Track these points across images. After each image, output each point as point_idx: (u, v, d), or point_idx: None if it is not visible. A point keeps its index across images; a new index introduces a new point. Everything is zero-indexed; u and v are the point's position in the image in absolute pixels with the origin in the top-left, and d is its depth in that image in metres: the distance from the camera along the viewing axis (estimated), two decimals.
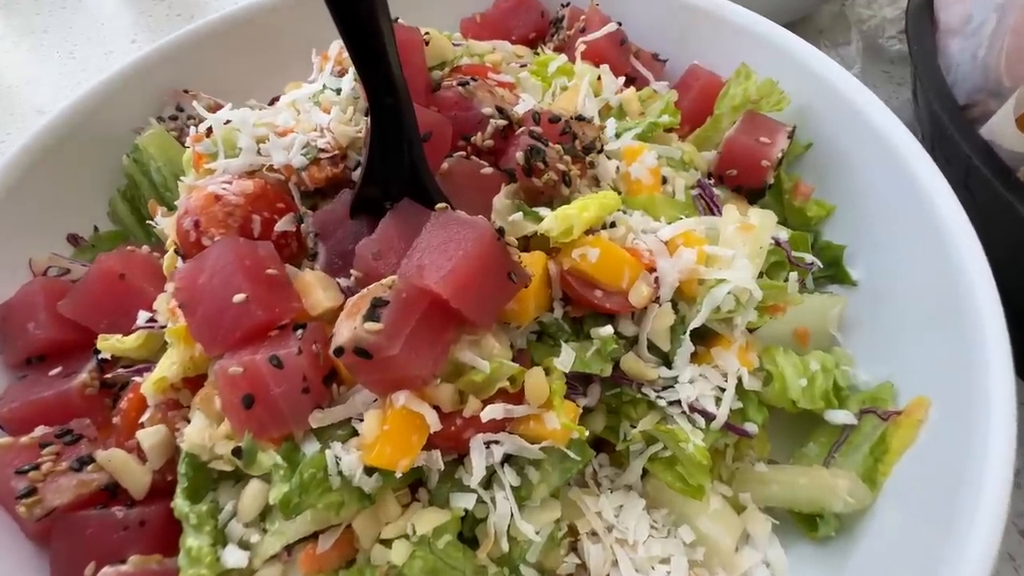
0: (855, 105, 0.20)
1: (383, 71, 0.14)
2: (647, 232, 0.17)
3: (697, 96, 0.23)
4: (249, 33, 0.27)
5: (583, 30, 0.25)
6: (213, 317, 0.14)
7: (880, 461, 0.15)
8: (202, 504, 0.14)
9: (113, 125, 0.24)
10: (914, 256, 0.17)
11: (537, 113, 0.18)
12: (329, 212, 0.18)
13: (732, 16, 0.24)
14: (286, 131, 0.19)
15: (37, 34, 0.42)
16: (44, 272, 0.21)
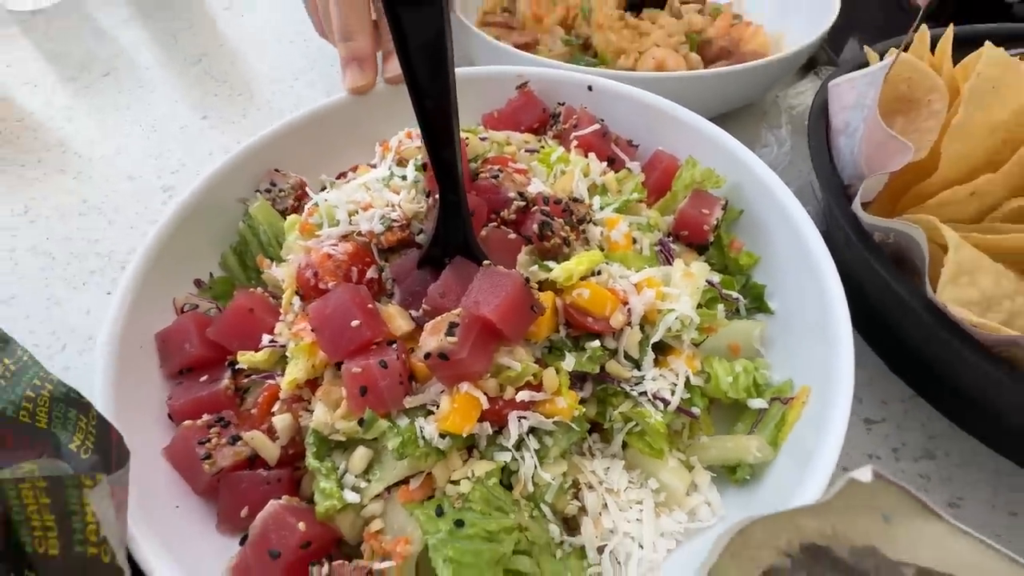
0: (768, 186, 0.28)
1: (453, 178, 0.22)
2: (622, 278, 0.24)
3: (660, 175, 0.32)
4: (322, 125, 0.35)
5: (575, 125, 0.34)
6: (336, 336, 0.21)
7: (780, 431, 0.22)
8: (326, 462, 0.21)
9: (226, 197, 0.31)
10: (804, 294, 0.25)
11: (545, 196, 0.26)
12: (401, 264, 0.25)
13: (684, 116, 0.32)
14: (368, 206, 0.27)
15: (120, 110, 0.50)
16: (182, 308, 0.28)
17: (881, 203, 0.29)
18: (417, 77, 0.21)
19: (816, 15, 0.44)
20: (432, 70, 0.21)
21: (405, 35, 0.20)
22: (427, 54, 0.21)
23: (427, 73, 0.22)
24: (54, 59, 0.57)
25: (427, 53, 0.21)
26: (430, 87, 0.22)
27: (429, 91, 0.22)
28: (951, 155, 0.25)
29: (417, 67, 0.21)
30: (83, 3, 0.66)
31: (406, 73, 0.22)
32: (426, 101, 0.22)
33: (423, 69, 0.21)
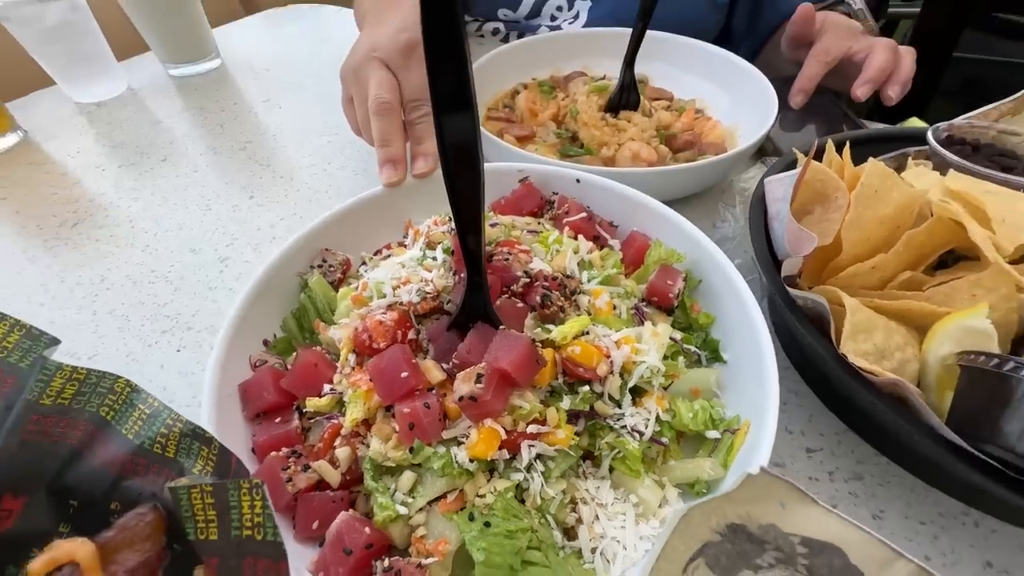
0: (719, 262, 0.36)
1: (477, 264, 0.30)
2: (605, 336, 0.31)
3: (635, 252, 0.40)
4: (361, 212, 0.42)
5: (567, 212, 0.42)
6: (389, 384, 0.28)
7: (728, 455, 0.29)
8: (380, 483, 0.27)
9: (288, 272, 0.39)
10: (746, 348, 0.32)
11: (545, 274, 0.33)
12: (434, 327, 0.32)
13: (653, 205, 0.40)
14: (406, 281, 0.34)
15: (179, 191, 0.59)
16: (256, 363, 0.35)
17: (809, 273, 0.37)
18: (452, 172, 0.27)
19: (762, 113, 0.54)
20: (465, 166, 0.27)
21: (444, 137, 0.26)
22: (461, 152, 0.27)
23: (461, 168, 0.27)
24: (118, 146, 0.67)
25: (461, 151, 0.27)
26: (462, 181, 0.28)
27: (461, 185, 0.28)
28: (851, 240, 0.33)
29: (453, 163, 0.27)
30: (139, 96, 0.77)
31: (444, 170, 0.27)
32: (459, 194, 0.28)
33: (457, 165, 0.27)
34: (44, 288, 0.48)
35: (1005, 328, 0.30)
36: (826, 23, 0.61)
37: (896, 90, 0.55)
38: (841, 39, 0.58)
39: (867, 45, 0.57)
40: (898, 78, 0.55)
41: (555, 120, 0.60)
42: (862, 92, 0.55)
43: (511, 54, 0.65)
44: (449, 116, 0.26)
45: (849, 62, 0.57)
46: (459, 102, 0.25)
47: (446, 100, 0.25)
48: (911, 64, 0.56)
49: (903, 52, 0.57)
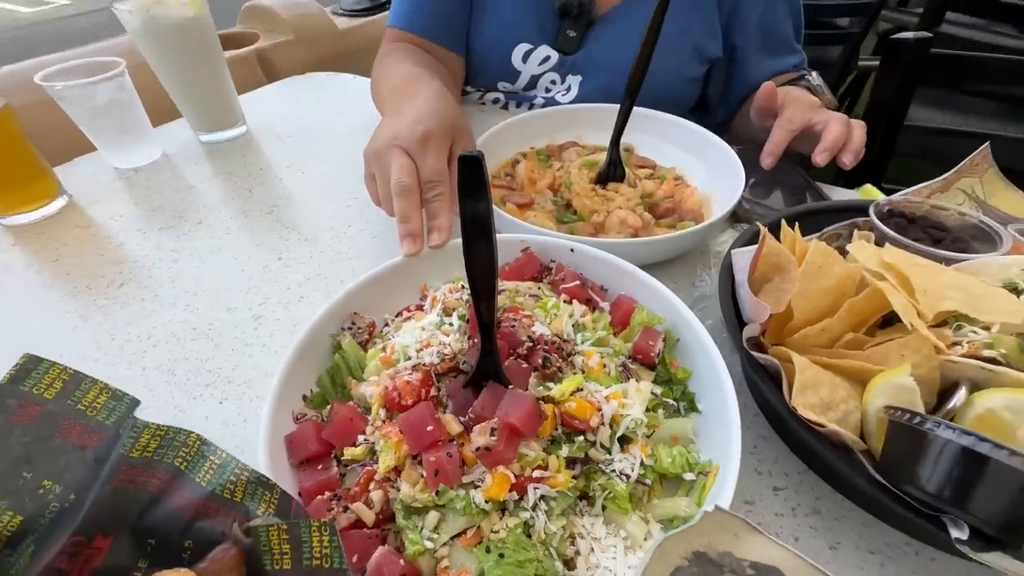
0: (692, 324, 0.42)
1: (490, 333, 0.36)
2: (597, 392, 0.37)
3: (622, 314, 0.46)
4: (384, 280, 0.49)
5: (563, 279, 0.49)
6: (417, 436, 0.33)
7: (701, 494, 0.34)
8: (410, 522, 0.32)
9: (322, 335, 0.45)
10: (716, 401, 0.38)
11: (546, 339, 0.40)
12: (452, 385, 0.38)
13: (638, 273, 0.47)
14: (427, 344, 0.40)
15: (215, 253, 0.65)
16: (297, 417, 0.40)
17: (772, 332, 0.43)
18: (471, 246, 0.33)
19: (733, 183, 0.61)
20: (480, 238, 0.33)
21: (466, 215, 0.32)
22: (478, 229, 0.33)
23: (477, 241, 0.33)
24: (157, 210, 0.74)
25: (478, 228, 0.33)
26: (478, 255, 0.34)
27: (477, 258, 0.34)
28: (800, 308, 0.40)
29: (471, 239, 0.33)
30: (173, 162, 0.85)
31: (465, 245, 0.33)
32: (474, 267, 0.34)
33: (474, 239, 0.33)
34: (97, 345, 0.53)
35: (929, 384, 0.37)
36: (788, 97, 0.69)
37: (849, 157, 0.63)
38: (803, 111, 0.66)
39: (825, 118, 0.65)
40: (851, 147, 0.63)
41: (551, 188, 0.67)
42: (821, 159, 0.62)
43: (511, 128, 0.73)
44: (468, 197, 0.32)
45: (810, 131, 0.65)
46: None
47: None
48: (862, 135, 0.64)
49: (855, 125, 0.65)
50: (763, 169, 0.69)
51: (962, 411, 0.34)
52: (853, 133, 0.63)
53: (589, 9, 0.85)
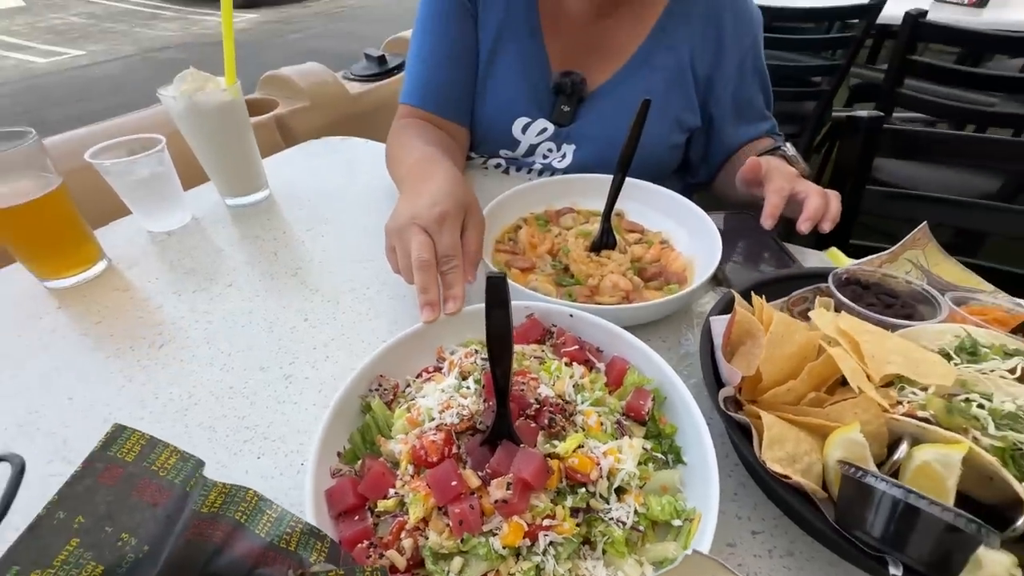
0: (675, 384, 0.49)
1: (504, 398, 0.42)
2: (596, 449, 0.43)
3: (616, 375, 0.52)
4: (406, 344, 0.56)
5: (564, 343, 0.55)
6: (443, 490, 0.39)
7: (687, 538, 0.40)
8: (438, 567, 0.38)
9: (353, 397, 0.51)
10: (698, 454, 0.44)
11: (551, 401, 0.46)
12: (470, 443, 0.44)
13: (629, 338, 0.54)
14: (448, 406, 0.46)
15: (246, 314, 0.71)
16: (333, 472, 0.46)
17: (747, 390, 0.50)
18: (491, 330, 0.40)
19: (712, 250, 0.69)
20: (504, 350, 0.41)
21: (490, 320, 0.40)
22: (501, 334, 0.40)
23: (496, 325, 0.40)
24: (190, 272, 0.81)
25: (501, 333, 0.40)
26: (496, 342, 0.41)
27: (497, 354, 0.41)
28: (767, 372, 0.46)
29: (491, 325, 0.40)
30: (202, 225, 0.93)
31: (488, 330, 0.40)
32: (493, 347, 0.41)
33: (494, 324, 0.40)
34: (142, 404, 0.59)
35: (878, 438, 0.43)
36: (771, 168, 0.77)
37: (828, 225, 0.70)
38: (788, 180, 0.74)
39: (805, 188, 0.72)
40: (829, 216, 0.70)
41: (551, 253, 0.75)
42: (805, 227, 0.70)
43: (514, 197, 0.82)
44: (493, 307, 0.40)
45: (793, 199, 0.73)
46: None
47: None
48: (838, 205, 0.72)
49: (831, 195, 0.72)
50: (740, 234, 0.77)
51: (905, 463, 0.41)
52: (831, 203, 0.71)
53: (580, 88, 0.96)
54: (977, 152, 0.85)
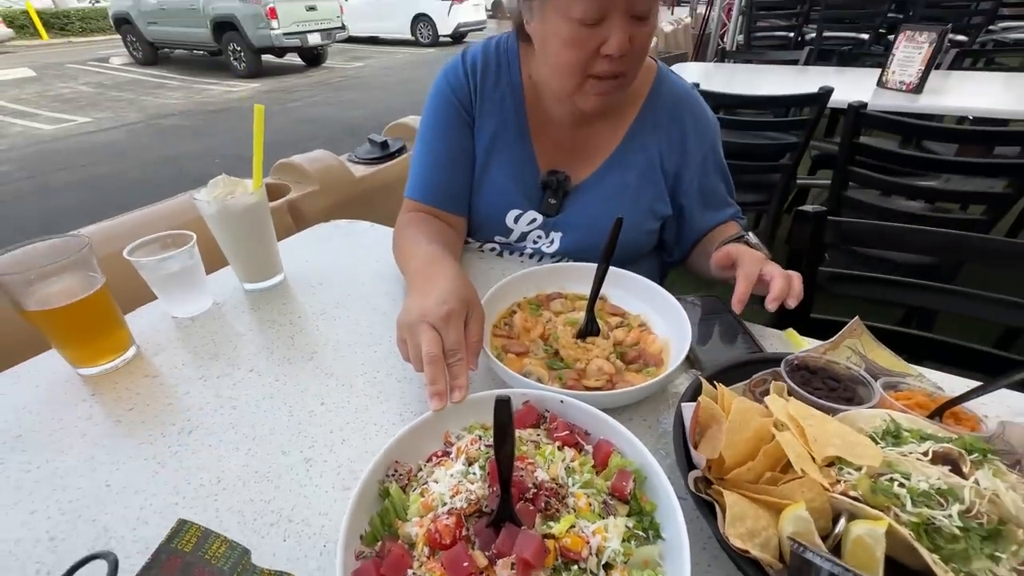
0: (653, 466, 0.57)
1: (507, 486, 0.50)
2: (586, 528, 0.50)
3: (602, 457, 0.60)
4: (417, 431, 0.63)
5: (556, 428, 0.64)
6: (456, 570, 0.45)
7: None
8: None
9: (372, 483, 0.58)
10: (673, 530, 0.51)
11: (547, 485, 0.53)
12: (478, 525, 0.51)
13: (613, 423, 0.61)
14: (457, 491, 0.54)
15: (267, 399, 0.78)
16: (358, 555, 0.52)
17: (714, 470, 0.58)
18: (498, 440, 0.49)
19: (684, 335, 0.79)
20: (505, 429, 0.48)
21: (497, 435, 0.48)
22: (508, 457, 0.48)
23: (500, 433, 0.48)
24: (213, 358, 0.88)
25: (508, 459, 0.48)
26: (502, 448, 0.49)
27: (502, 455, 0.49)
28: (728, 455, 0.55)
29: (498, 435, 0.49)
30: (223, 311, 1.01)
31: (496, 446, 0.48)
32: (500, 451, 0.50)
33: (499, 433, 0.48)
34: (176, 490, 0.65)
35: (823, 514, 0.50)
36: (741, 254, 0.86)
37: (792, 302, 0.78)
38: (755, 264, 0.83)
39: (771, 270, 0.82)
40: (793, 294, 0.79)
41: (542, 338, 0.84)
42: (772, 307, 0.79)
43: (509, 285, 0.92)
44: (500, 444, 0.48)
45: (760, 281, 0.83)
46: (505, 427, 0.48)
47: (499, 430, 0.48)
48: (800, 284, 0.82)
49: (793, 276, 0.81)
50: (711, 317, 0.88)
51: (844, 536, 0.48)
52: (794, 282, 0.80)
53: (565, 184, 1.09)
54: (911, 244, 0.98)
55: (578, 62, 0.86)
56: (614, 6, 0.79)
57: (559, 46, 0.86)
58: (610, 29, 0.81)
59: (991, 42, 4.85)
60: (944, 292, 1.00)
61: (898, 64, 2.33)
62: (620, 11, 0.80)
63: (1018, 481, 0.49)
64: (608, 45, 0.82)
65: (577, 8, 0.80)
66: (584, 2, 0.79)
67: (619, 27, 0.81)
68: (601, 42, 0.83)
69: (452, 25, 14.40)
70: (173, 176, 5.47)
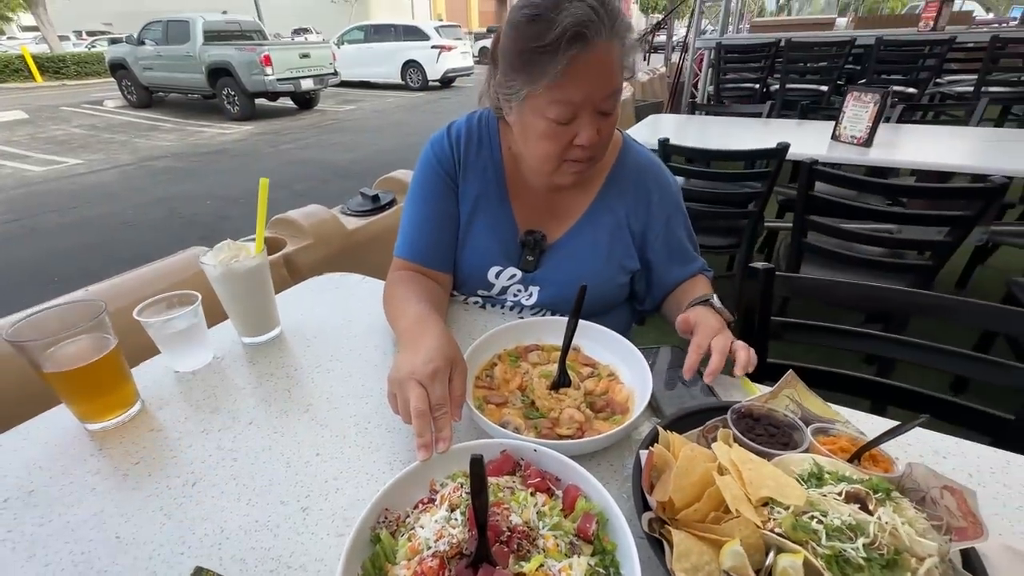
0: (613, 509, 0.64)
1: (484, 532, 0.57)
2: (554, 567, 0.57)
3: (570, 501, 0.67)
4: (402, 481, 0.71)
5: (530, 475, 0.71)
6: None
7: None
8: None
9: (365, 530, 0.65)
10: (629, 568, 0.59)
11: (519, 529, 0.61)
12: (459, 567, 0.58)
13: (580, 470, 0.70)
14: (440, 535, 0.61)
15: (266, 451, 0.84)
16: None
17: (668, 512, 0.66)
18: (475, 491, 0.57)
19: (645, 384, 0.88)
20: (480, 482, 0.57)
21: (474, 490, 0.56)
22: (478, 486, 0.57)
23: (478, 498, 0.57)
24: (214, 411, 0.95)
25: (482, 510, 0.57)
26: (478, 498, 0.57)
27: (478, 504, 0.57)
28: (677, 497, 0.63)
29: (474, 487, 0.57)
30: (223, 364, 1.08)
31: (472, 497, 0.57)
32: (476, 501, 0.58)
33: (475, 485, 0.57)
34: (182, 540, 0.71)
35: (758, 549, 0.58)
36: (698, 323, 0.94)
37: (739, 371, 0.89)
38: (706, 337, 0.92)
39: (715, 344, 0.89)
40: (739, 366, 0.89)
41: (520, 389, 0.93)
42: (709, 380, 0.88)
43: (491, 337, 1.01)
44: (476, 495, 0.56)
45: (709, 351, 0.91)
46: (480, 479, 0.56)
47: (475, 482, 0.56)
48: (747, 355, 0.90)
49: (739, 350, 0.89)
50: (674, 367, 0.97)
51: (774, 568, 0.56)
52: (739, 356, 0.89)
53: (542, 242, 1.20)
54: (846, 298, 1.10)
55: (554, 152, 0.98)
56: (583, 108, 0.91)
57: (536, 139, 0.98)
58: (580, 125, 0.93)
59: (939, 95, 5.27)
60: (889, 341, 1.11)
61: (848, 120, 2.55)
62: (588, 111, 0.92)
63: (915, 516, 0.58)
64: (580, 138, 0.94)
65: (552, 111, 0.91)
66: (558, 107, 0.91)
67: (588, 124, 0.93)
68: (574, 135, 0.95)
69: (441, 71, 15.07)
70: (164, 217, 5.55)
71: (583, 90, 0.82)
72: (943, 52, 5.04)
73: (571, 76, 0.80)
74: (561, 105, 0.87)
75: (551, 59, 0.78)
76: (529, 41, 0.80)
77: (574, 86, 0.81)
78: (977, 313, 1.04)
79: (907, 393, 1.14)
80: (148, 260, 1.40)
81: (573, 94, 0.83)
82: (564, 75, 0.79)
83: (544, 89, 0.83)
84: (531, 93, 0.86)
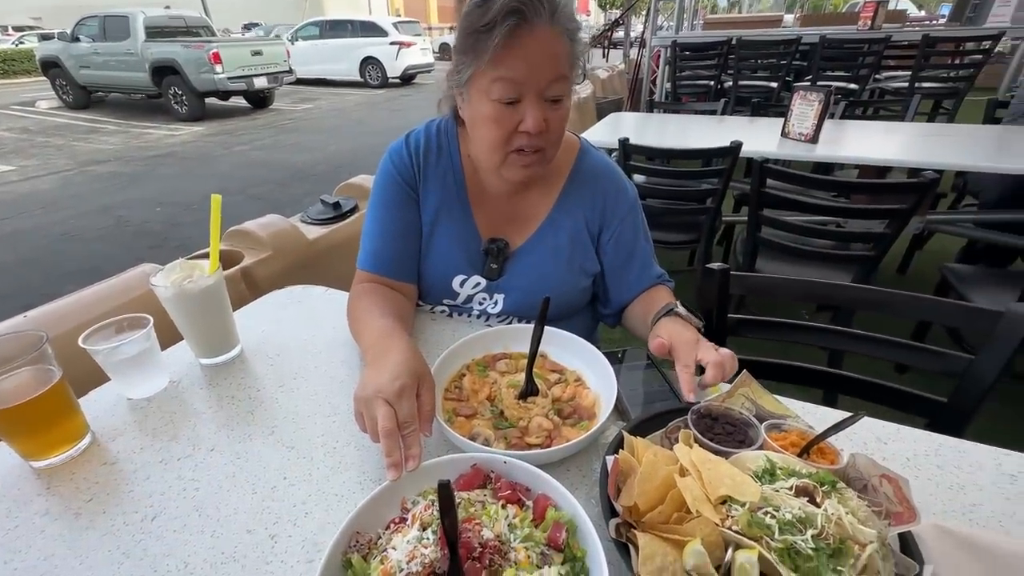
0: (582, 516, 0.66)
1: (456, 551, 0.58)
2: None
3: (540, 511, 0.69)
4: (375, 500, 0.70)
5: (500, 487, 0.72)
6: None
7: None
8: None
9: (336, 556, 0.64)
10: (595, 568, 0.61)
11: (491, 544, 0.62)
12: None
13: (551, 481, 0.72)
14: (413, 555, 0.61)
15: (229, 478, 0.81)
16: None
17: (634, 515, 0.68)
18: (444, 512, 0.58)
19: (611, 388, 0.90)
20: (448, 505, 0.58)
21: (442, 511, 0.57)
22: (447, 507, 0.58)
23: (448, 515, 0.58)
24: (171, 439, 0.91)
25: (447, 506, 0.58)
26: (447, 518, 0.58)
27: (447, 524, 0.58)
28: (641, 501, 0.65)
29: (443, 510, 0.58)
30: (180, 388, 1.04)
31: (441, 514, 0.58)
32: (445, 522, 0.59)
33: (443, 507, 0.58)
34: None
35: (718, 547, 0.61)
36: (676, 344, 0.93)
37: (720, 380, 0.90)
38: (690, 353, 0.90)
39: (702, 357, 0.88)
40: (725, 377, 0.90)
41: (489, 399, 0.93)
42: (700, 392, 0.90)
43: (458, 348, 1.01)
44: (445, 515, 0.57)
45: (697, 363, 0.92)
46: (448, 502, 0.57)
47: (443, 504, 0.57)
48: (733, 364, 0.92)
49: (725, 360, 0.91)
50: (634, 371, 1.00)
51: (733, 564, 0.59)
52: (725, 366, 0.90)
53: (504, 250, 1.21)
54: (795, 293, 1.16)
55: (501, 138, 0.99)
56: (527, 88, 0.88)
57: (484, 125, 0.99)
58: (525, 109, 0.95)
59: (878, 90, 5.58)
60: (838, 334, 1.18)
61: (796, 118, 2.67)
62: (533, 93, 0.94)
63: (857, 505, 0.62)
64: (525, 123, 0.96)
65: (495, 90, 0.93)
66: (500, 85, 0.92)
67: (532, 106, 0.94)
68: (519, 120, 0.96)
69: (401, 68, 14.80)
70: (111, 226, 5.23)
71: (522, 66, 0.85)
72: (880, 50, 5.35)
73: (509, 49, 0.83)
74: (503, 83, 0.89)
75: (489, 34, 0.82)
76: (474, 23, 0.83)
77: (513, 60, 0.84)
78: (912, 305, 1.11)
79: (855, 381, 1.22)
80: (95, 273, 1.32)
81: (513, 69, 0.86)
82: (503, 48, 0.82)
83: (487, 65, 0.86)
84: (476, 72, 0.89)
